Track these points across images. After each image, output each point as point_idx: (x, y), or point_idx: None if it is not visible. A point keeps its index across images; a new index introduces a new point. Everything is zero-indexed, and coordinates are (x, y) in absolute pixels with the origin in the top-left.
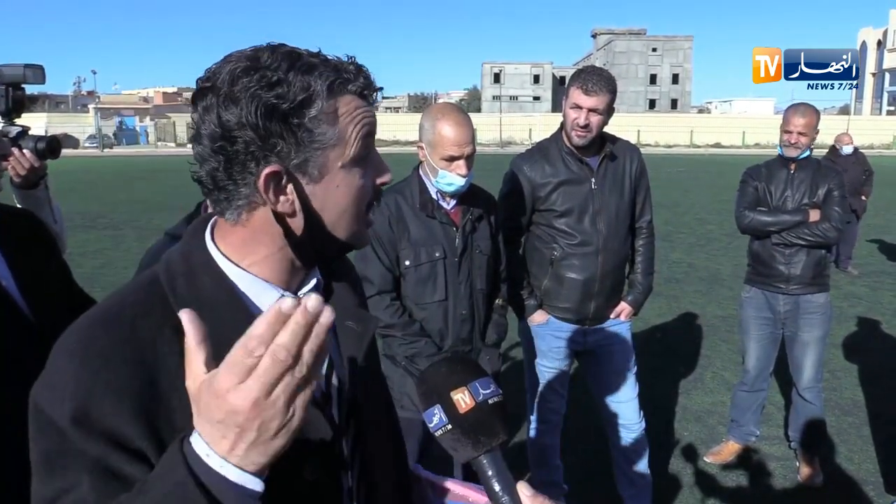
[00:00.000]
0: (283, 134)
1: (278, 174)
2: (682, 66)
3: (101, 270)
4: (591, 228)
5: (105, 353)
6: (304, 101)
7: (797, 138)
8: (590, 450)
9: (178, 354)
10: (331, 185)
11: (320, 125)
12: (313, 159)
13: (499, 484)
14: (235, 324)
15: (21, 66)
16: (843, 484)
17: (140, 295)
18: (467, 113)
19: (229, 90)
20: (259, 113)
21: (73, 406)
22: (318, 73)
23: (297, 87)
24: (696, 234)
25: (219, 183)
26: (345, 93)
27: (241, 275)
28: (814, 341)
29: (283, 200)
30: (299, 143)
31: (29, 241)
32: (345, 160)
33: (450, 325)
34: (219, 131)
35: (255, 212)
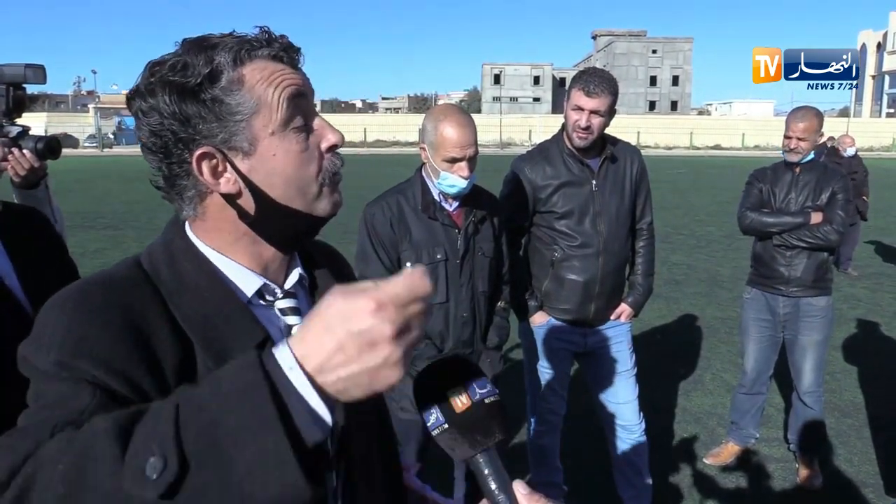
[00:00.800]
0: (200, 113)
1: (209, 154)
2: (682, 68)
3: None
4: (591, 230)
5: (97, 309)
6: (211, 75)
7: (796, 143)
8: (589, 451)
9: (166, 328)
10: (266, 154)
11: (233, 94)
12: (239, 132)
13: (495, 483)
14: (219, 305)
15: (22, 66)
16: (842, 486)
17: (131, 272)
18: (469, 114)
19: (145, 86)
20: (172, 98)
21: (57, 354)
22: (222, 46)
23: (200, 63)
24: (696, 235)
25: (168, 181)
26: (255, 59)
27: (222, 259)
28: (814, 345)
29: (225, 181)
30: (219, 118)
31: (34, 240)
32: (273, 126)
33: (451, 327)
34: (147, 129)
35: (207, 200)
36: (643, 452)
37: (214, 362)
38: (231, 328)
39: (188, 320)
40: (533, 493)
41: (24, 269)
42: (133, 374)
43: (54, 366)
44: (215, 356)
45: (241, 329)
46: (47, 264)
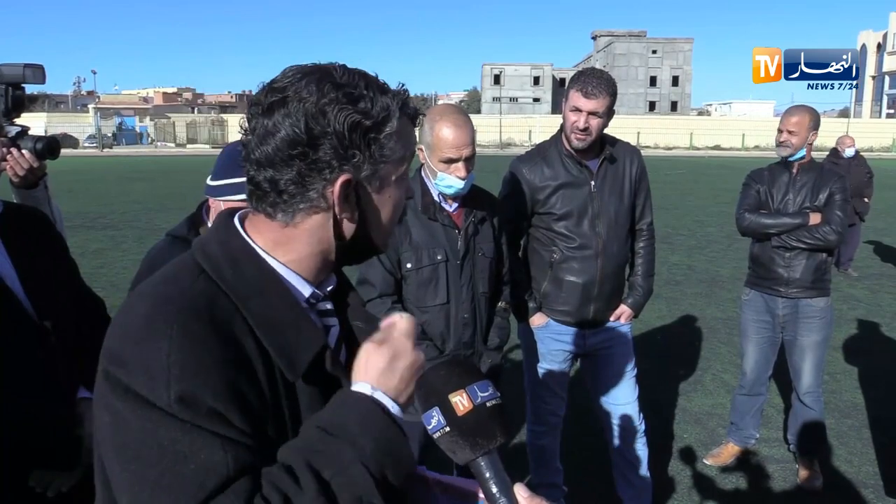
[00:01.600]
0: (360, 146)
1: (350, 183)
2: (681, 69)
3: (101, 270)
4: (590, 231)
5: (202, 338)
6: (384, 119)
7: (787, 137)
8: (589, 452)
9: (249, 337)
10: (384, 196)
11: (391, 142)
12: (379, 172)
13: (496, 486)
14: (286, 310)
15: (21, 66)
16: (842, 487)
17: (200, 284)
18: (467, 114)
19: (317, 101)
20: (346, 125)
21: (179, 389)
22: (391, 94)
23: (378, 106)
24: (696, 236)
25: (280, 186)
26: (405, 116)
27: (279, 266)
28: (812, 346)
29: (346, 207)
30: (372, 157)
31: (36, 240)
32: (398, 175)
33: (451, 328)
34: (303, 137)
35: (314, 216)
36: (643, 453)
37: (287, 365)
38: (298, 334)
39: (261, 326)
40: (534, 496)
41: (26, 270)
42: (244, 396)
43: (177, 402)
44: (286, 359)
45: (306, 335)
46: (49, 264)
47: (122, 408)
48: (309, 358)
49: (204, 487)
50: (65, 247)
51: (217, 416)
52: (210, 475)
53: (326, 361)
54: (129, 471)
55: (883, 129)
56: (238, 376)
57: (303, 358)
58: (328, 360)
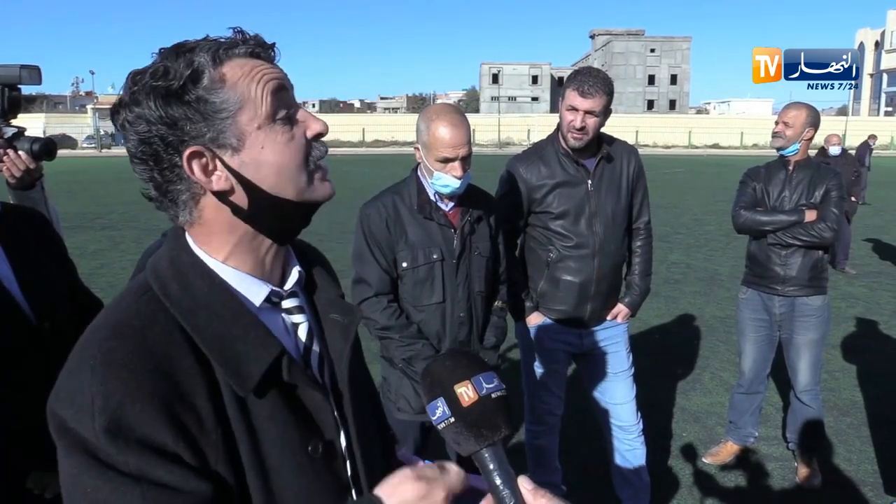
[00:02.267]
0: (186, 114)
1: (199, 153)
2: (680, 67)
3: (99, 271)
4: (587, 231)
5: (127, 364)
6: (192, 76)
7: (781, 128)
8: (587, 451)
9: (189, 356)
10: (254, 148)
11: (216, 93)
12: (226, 129)
13: (500, 478)
14: (234, 321)
15: (17, 67)
16: (841, 485)
17: (140, 305)
18: (464, 114)
19: (129, 97)
20: (157, 103)
21: (104, 419)
22: (199, 48)
23: (181, 66)
24: (695, 234)
25: (161, 189)
26: (232, 57)
27: (228, 271)
28: (809, 344)
29: (217, 178)
30: (205, 117)
31: (33, 241)
32: (259, 120)
33: (447, 327)
34: (135, 138)
35: (201, 202)
36: (641, 452)
37: (235, 380)
38: (248, 345)
39: (206, 341)
40: (538, 488)
41: (24, 272)
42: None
43: (103, 434)
44: (234, 374)
45: (257, 345)
46: (47, 266)
47: (59, 447)
48: (261, 370)
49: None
50: (63, 248)
51: (148, 450)
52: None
53: (283, 371)
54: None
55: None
56: (174, 402)
57: (254, 371)
58: (285, 368)
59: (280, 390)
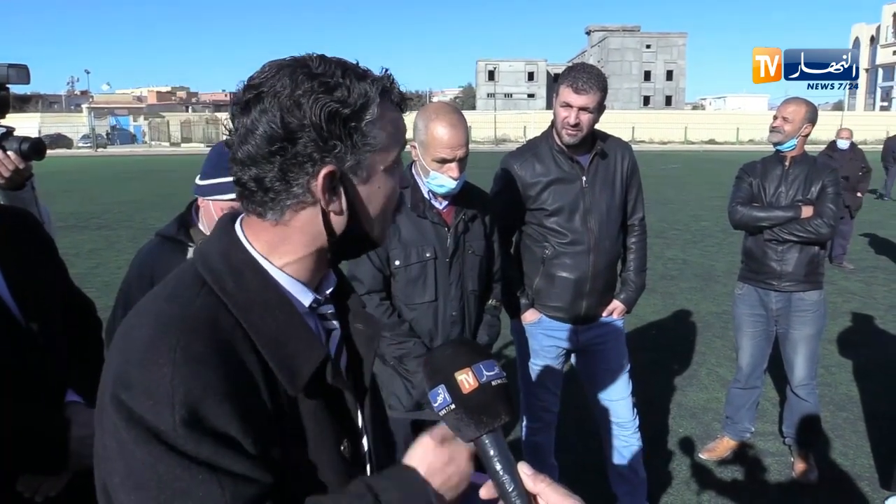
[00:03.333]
0: (341, 136)
1: (334, 174)
2: (676, 63)
3: (95, 270)
4: (582, 227)
5: (203, 359)
6: (363, 106)
7: (780, 123)
8: (584, 448)
9: (251, 352)
10: (374, 186)
11: (373, 129)
12: (364, 162)
13: (500, 463)
14: (287, 323)
15: (5, 66)
16: (837, 479)
17: (203, 299)
18: (462, 113)
19: (292, 94)
20: (323, 116)
21: (184, 411)
22: (371, 80)
23: (356, 93)
24: (691, 230)
25: (266, 184)
26: (387, 100)
27: (280, 274)
28: (805, 339)
29: (333, 200)
30: (354, 146)
31: (23, 242)
32: (386, 164)
33: (439, 326)
34: (280, 132)
35: (302, 211)
36: (637, 448)
37: (287, 379)
38: (298, 347)
39: (261, 339)
40: (537, 473)
41: (13, 272)
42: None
43: (181, 425)
44: (287, 372)
45: (307, 347)
46: (37, 266)
47: (127, 437)
48: (310, 371)
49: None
50: (53, 248)
51: (221, 441)
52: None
53: (328, 373)
54: (132, 500)
55: (876, 121)
56: (242, 396)
57: (304, 371)
58: (329, 371)
59: (323, 393)
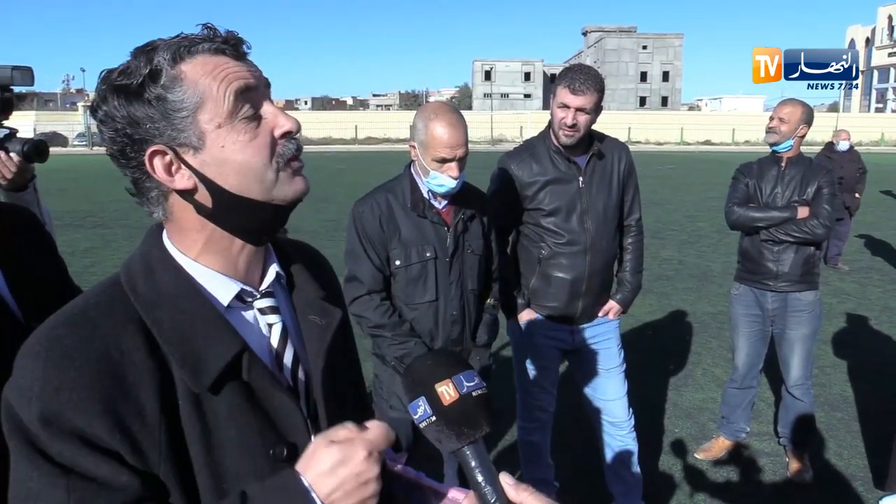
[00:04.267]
0: (147, 113)
1: (160, 152)
2: (672, 64)
3: (91, 269)
4: (578, 228)
5: (70, 353)
6: (151, 74)
7: (777, 124)
8: (580, 447)
9: (142, 350)
10: (215, 147)
11: (174, 91)
12: (186, 127)
13: (482, 475)
14: (196, 316)
15: (9, 68)
16: (832, 480)
17: (102, 297)
18: (461, 113)
19: (99, 94)
20: (120, 102)
21: (39, 407)
22: (162, 47)
23: (142, 65)
24: (687, 231)
25: (136, 186)
26: (195, 54)
27: (198, 268)
28: (801, 339)
29: (179, 177)
30: (165, 116)
31: (23, 240)
32: (220, 119)
33: (440, 325)
34: (107, 136)
35: (170, 200)
36: (633, 448)
37: (191, 377)
38: (208, 341)
39: (164, 335)
40: (519, 483)
41: (12, 270)
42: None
43: (38, 420)
44: (192, 371)
45: (217, 341)
46: (37, 264)
47: (5, 429)
48: (219, 367)
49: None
50: (53, 247)
51: (81, 441)
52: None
53: (243, 370)
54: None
55: (871, 123)
56: (111, 393)
57: (211, 367)
58: (245, 367)
59: (242, 391)
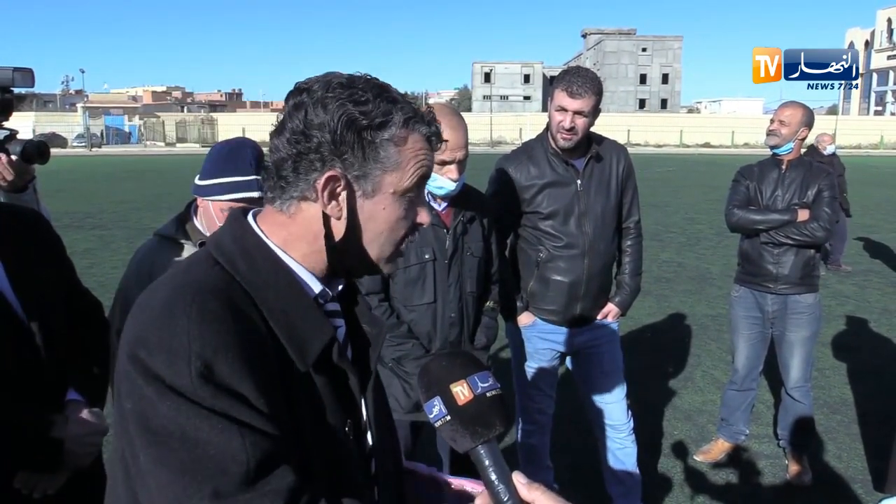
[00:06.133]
0: (353, 145)
1: (337, 179)
2: (671, 66)
3: (90, 270)
4: (576, 230)
5: (220, 317)
6: (381, 124)
7: (777, 126)
8: (579, 450)
9: (263, 324)
10: (378, 204)
11: (387, 149)
12: (371, 176)
13: (495, 473)
14: (296, 302)
15: (10, 70)
16: (831, 482)
17: (216, 272)
18: (461, 115)
19: (322, 96)
20: (341, 121)
21: (200, 364)
22: (400, 105)
23: (379, 110)
24: (686, 233)
25: (281, 172)
26: (415, 131)
27: (291, 262)
28: (801, 341)
29: (334, 204)
30: (365, 159)
31: (28, 241)
32: (397, 188)
33: (438, 327)
34: (301, 127)
35: (304, 206)
36: (632, 451)
37: (297, 355)
38: (307, 324)
39: (273, 316)
40: (532, 482)
41: (16, 271)
42: (262, 375)
43: (198, 377)
44: (297, 350)
45: (315, 325)
46: (42, 265)
47: (146, 393)
48: (319, 347)
49: (225, 472)
50: (61, 247)
51: (236, 395)
52: (230, 461)
53: (334, 353)
54: (153, 454)
55: (871, 126)
56: (255, 358)
57: (314, 348)
58: (336, 351)
59: (332, 372)
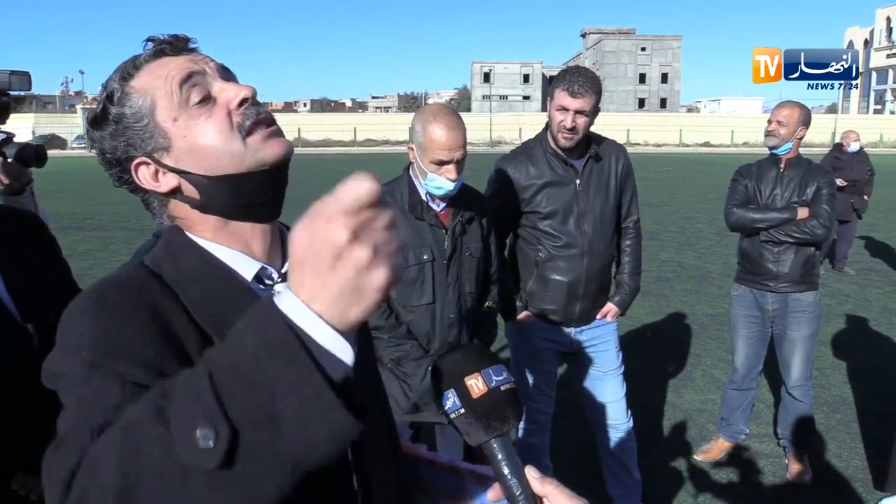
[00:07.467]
0: (116, 132)
1: (142, 163)
2: (671, 66)
3: (90, 272)
4: (575, 230)
5: (119, 308)
6: (108, 98)
7: (775, 127)
8: (578, 449)
9: (184, 317)
10: (179, 140)
11: (128, 105)
12: (150, 133)
13: (508, 467)
14: (224, 291)
15: (6, 73)
16: (831, 481)
17: (137, 271)
18: (460, 115)
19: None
20: (95, 132)
21: (92, 352)
22: (115, 70)
23: (101, 94)
24: (686, 232)
25: (144, 204)
26: (139, 67)
27: (219, 248)
28: (801, 340)
29: (164, 181)
30: (129, 129)
31: (25, 242)
32: (174, 112)
33: (437, 328)
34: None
35: (169, 206)
36: (632, 450)
37: None
38: (237, 312)
39: (197, 310)
40: (545, 477)
41: (12, 272)
42: (165, 366)
43: (88, 367)
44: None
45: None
46: (39, 267)
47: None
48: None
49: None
50: (57, 249)
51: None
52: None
53: None
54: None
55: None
56: (161, 350)
57: None
58: None
59: None
